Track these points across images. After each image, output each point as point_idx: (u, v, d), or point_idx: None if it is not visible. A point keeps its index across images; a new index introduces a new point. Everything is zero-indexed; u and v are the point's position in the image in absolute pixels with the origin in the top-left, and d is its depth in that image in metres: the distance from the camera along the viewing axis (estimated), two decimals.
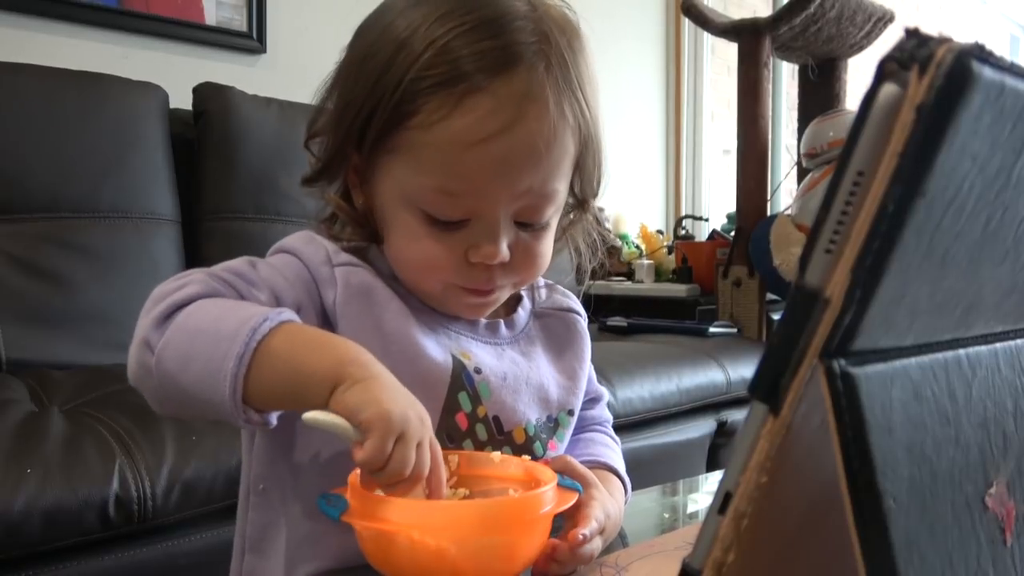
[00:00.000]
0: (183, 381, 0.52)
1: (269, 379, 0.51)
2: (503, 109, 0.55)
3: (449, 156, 0.56)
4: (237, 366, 0.51)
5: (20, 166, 1.53)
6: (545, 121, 0.57)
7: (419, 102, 0.56)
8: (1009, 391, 0.32)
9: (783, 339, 0.26)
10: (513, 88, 0.56)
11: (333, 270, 0.61)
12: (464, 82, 0.55)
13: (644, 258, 2.56)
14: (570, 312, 0.73)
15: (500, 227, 0.59)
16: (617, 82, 3.14)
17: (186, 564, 1.05)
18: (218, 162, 1.78)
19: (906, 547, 0.26)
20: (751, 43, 2.20)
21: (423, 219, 0.59)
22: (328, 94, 0.63)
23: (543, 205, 0.60)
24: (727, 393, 1.81)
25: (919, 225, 0.25)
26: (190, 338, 0.53)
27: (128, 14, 1.89)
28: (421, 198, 0.58)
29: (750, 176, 2.22)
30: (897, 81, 0.24)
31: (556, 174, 0.60)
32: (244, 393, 0.51)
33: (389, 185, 0.60)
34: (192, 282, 0.56)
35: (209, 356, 0.51)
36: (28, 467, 0.96)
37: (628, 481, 0.70)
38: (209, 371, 0.51)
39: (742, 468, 0.27)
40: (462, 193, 0.57)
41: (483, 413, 0.63)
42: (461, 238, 0.59)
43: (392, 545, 0.50)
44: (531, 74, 0.57)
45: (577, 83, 0.60)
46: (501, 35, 0.56)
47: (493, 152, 0.56)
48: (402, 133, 0.57)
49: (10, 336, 1.44)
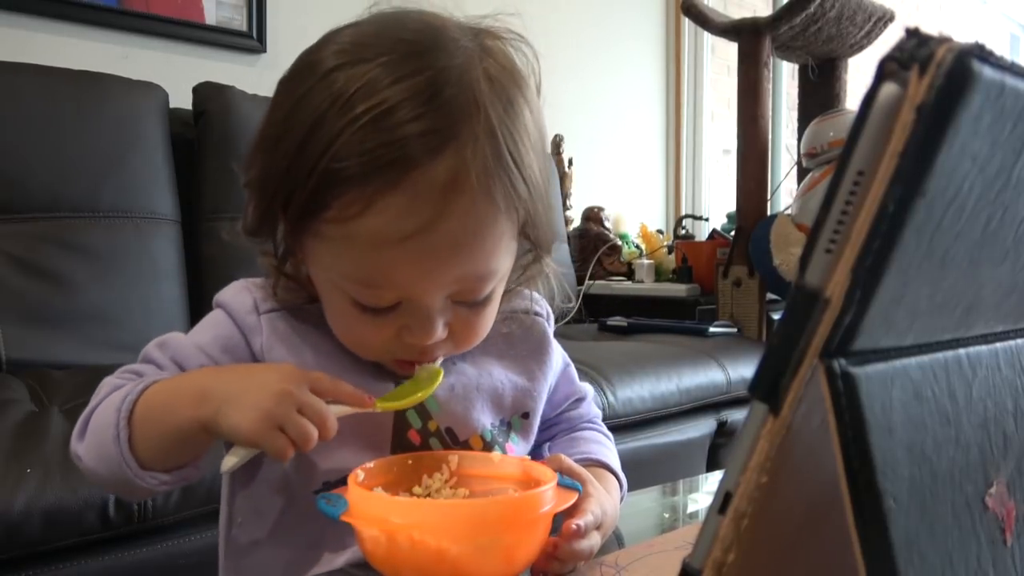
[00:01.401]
0: (102, 474, 0.58)
1: (149, 442, 0.56)
2: (421, 207, 0.51)
3: (365, 254, 0.53)
4: (118, 447, 0.56)
5: (20, 166, 1.53)
6: (470, 214, 0.53)
7: (331, 195, 0.52)
8: (1009, 391, 0.32)
9: (783, 339, 0.26)
10: (433, 182, 0.51)
11: (259, 318, 0.62)
12: (378, 178, 0.51)
13: (644, 258, 2.56)
14: (528, 314, 0.71)
15: (433, 312, 0.56)
16: (617, 82, 3.15)
17: (186, 564, 1.05)
18: (218, 162, 1.78)
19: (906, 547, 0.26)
20: (751, 43, 2.20)
21: (352, 303, 0.57)
22: (252, 155, 0.59)
23: (480, 287, 0.57)
24: (727, 393, 1.81)
25: (919, 225, 0.25)
26: (93, 441, 0.58)
27: (128, 14, 1.89)
28: (345, 286, 0.56)
29: (750, 176, 2.22)
30: (897, 81, 0.24)
31: (491, 258, 0.56)
32: (142, 462, 0.56)
33: (314, 265, 0.58)
34: (99, 392, 0.60)
35: (105, 449, 0.57)
36: (28, 467, 0.96)
37: (623, 477, 0.70)
38: (110, 458, 0.56)
39: (742, 468, 0.27)
40: (386, 286, 0.55)
41: (434, 427, 0.63)
42: (393, 319, 0.57)
43: (392, 545, 0.50)
44: (456, 161, 0.51)
45: (511, 157, 0.54)
46: (424, 116, 0.51)
47: (412, 251, 0.52)
48: (319, 223, 0.54)
49: (10, 336, 1.44)
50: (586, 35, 3.00)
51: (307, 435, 0.52)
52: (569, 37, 2.92)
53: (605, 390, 1.57)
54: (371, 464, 0.56)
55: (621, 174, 3.16)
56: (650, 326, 2.09)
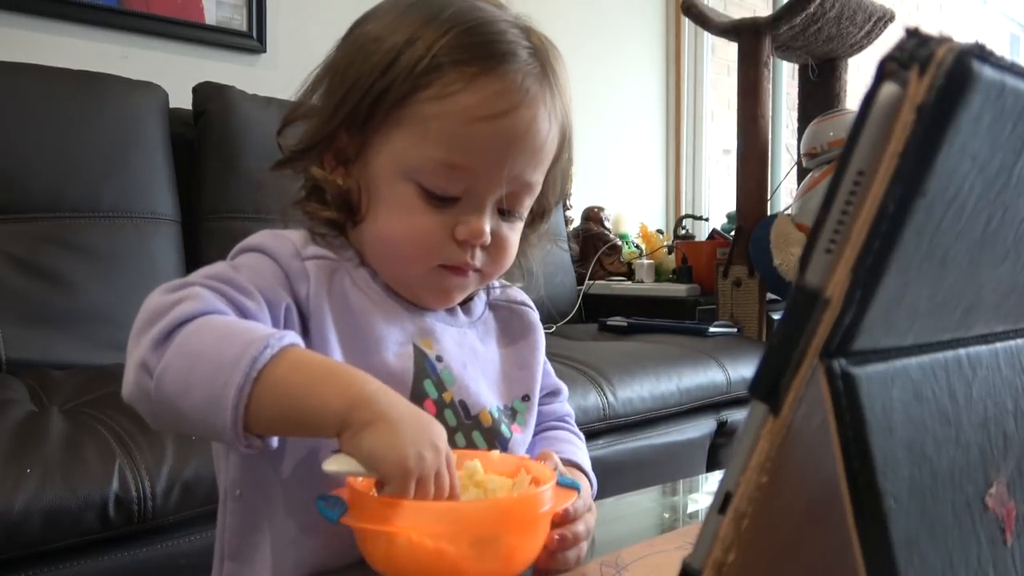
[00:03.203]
0: (183, 406, 0.52)
1: (271, 410, 0.51)
2: (510, 92, 0.60)
3: (457, 128, 0.60)
4: (238, 396, 0.50)
5: (20, 166, 1.53)
6: (542, 112, 0.62)
7: (435, 76, 0.60)
8: (1009, 391, 0.32)
9: (783, 339, 0.26)
10: (518, 78, 0.61)
11: (303, 263, 0.61)
12: (477, 64, 0.60)
13: (644, 258, 2.56)
14: (522, 305, 0.76)
15: (487, 206, 0.63)
16: (617, 82, 3.14)
17: (186, 564, 1.05)
18: (218, 162, 1.78)
19: (906, 547, 0.26)
20: (751, 43, 2.20)
21: (419, 193, 0.61)
22: (319, 81, 0.66)
23: (524, 194, 0.65)
24: (727, 393, 1.81)
25: (919, 225, 0.25)
26: (190, 364, 0.51)
27: (128, 14, 1.89)
28: (422, 170, 0.61)
29: (750, 176, 2.22)
30: (897, 81, 0.24)
31: (542, 167, 0.65)
32: (246, 421, 0.50)
33: (387, 159, 0.62)
34: (189, 297, 0.54)
35: (210, 383, 0.51)
36: (28, 467, 0.96)
37: (594, 479, 0.71)
38: (210, 398, 0.50)
39: (742, 468, 0.27)
40: (462, 167, 0.61)
41: (449, 398, 0.64)
42: (451, 215, 0.62)
43: (391, 546, 0.50)
44: (530, 70, 0.62)
45: (561, 93, 0.65)
46: (502, 36, 0.61)
47: (498, 129, 0.60)
48: (413, 106, 0.60)
49: (10, 336, 1.44)
50: (586, 35, 3.00)
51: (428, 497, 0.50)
52: (569, 37, 2.92)
53: (605, 390, 1.57)
54: None
55: (621, 174, 3.16)
56: (650, 326, 2.09)
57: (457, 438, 0.64)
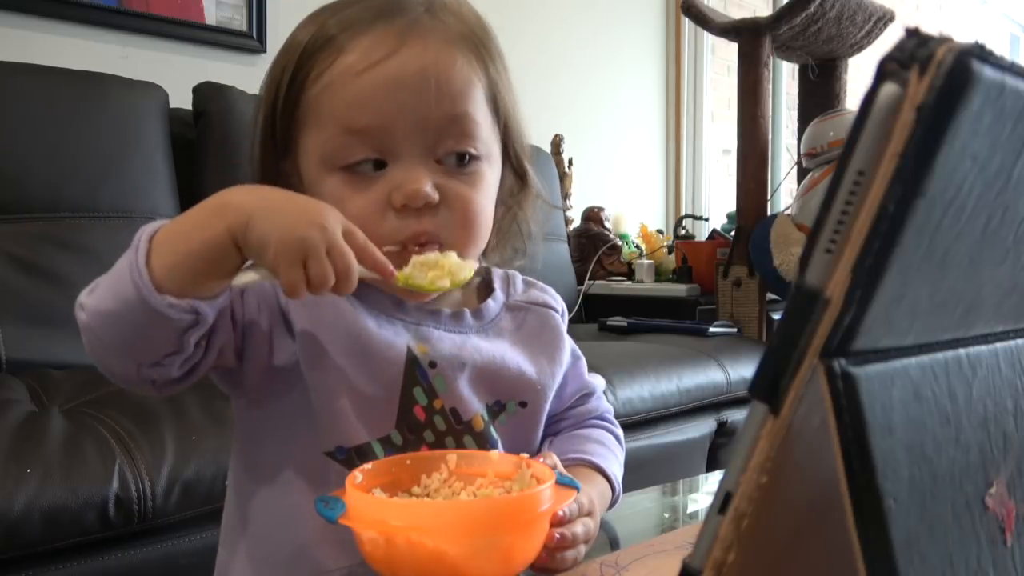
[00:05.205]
0: (105, 306, 0.55)
1: (174, 262, 0.53)
2: (386, 40, 0.59)
3: (342, 90, 0.59)
4: (135, 255, 0.53)
5: (20, 166, 1.53)
6: (430, 49, 0.60)
7: (311, 62, 0.60)
8: (1009, 391, 0.32)
9: (783, 339, 0.26)
10: (394, 26, 0.59)
11: None
12: (348, 32, 0.59)
13: (644, 258, 2.56)
14: (545, 307, 0.72)
15: (417, 161, 0.60)
16: (617, 82, 3.14)
17: (186, 564, 1.05)
18: (218, 162, 1.78)
19: (906, 547, 0.26)
20: (751, 43, 2.20)
21: (342, 177, 0.60)
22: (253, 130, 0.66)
23: (458, 133, 0.61)
24: (727, 393, 1.81)
25: (919, 225, 0.25)
26: (103, 282, 0.57)
27: (128, 14, 1.89)
28: (333, 152, 0.60)
29: (750, 176, 2.22)
30: (897, 81, 0.24)
31: (462, 100, 0.60)
32: (155, 282, 0.52)
33: (308, 163, 0.62)
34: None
35: (116, 273, 0.55)
36: (28, 467, 0.96)
37: (616, 480, 0.69)
38: (118, 293, 0.54)
39: (742, 468, 0.27)
40: (365, 129, 0.59)
41: (440, 405, 0.63)
42: (383, 185, 0.60)
43: (390, 546, 0.50)
44: (415, 17, 0.60)
45: (462, 21, 0.62)
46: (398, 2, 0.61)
47: (383, 75, 0.58)
48: (303, 101, 0.61)
49: (10, 336, 1.44)
50: (586, 35, 3.00)
51: (326, 279, 0.50)
52: (569, 37, 2.92)
53: (605, 390, 1.57)
54: (369, 465, 0.56)
55: (621, 174, 3.16)
56: (650, 326, 2.09)
57: (447, 442, 0.63)
